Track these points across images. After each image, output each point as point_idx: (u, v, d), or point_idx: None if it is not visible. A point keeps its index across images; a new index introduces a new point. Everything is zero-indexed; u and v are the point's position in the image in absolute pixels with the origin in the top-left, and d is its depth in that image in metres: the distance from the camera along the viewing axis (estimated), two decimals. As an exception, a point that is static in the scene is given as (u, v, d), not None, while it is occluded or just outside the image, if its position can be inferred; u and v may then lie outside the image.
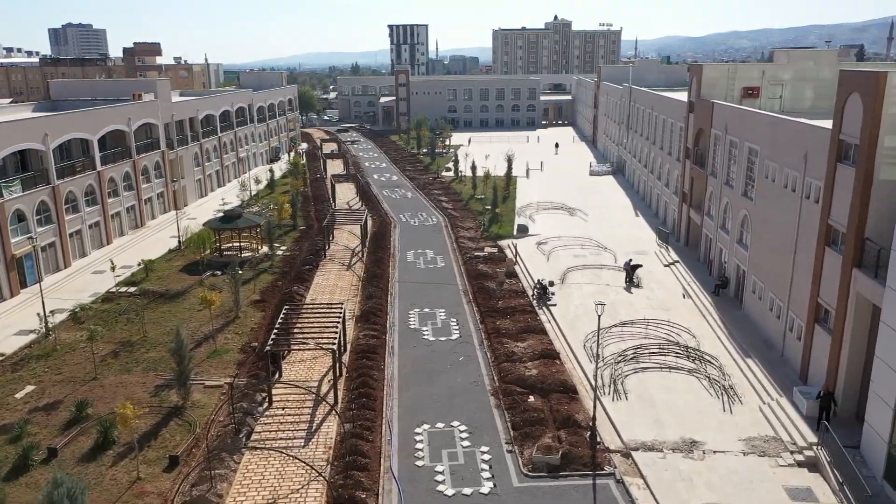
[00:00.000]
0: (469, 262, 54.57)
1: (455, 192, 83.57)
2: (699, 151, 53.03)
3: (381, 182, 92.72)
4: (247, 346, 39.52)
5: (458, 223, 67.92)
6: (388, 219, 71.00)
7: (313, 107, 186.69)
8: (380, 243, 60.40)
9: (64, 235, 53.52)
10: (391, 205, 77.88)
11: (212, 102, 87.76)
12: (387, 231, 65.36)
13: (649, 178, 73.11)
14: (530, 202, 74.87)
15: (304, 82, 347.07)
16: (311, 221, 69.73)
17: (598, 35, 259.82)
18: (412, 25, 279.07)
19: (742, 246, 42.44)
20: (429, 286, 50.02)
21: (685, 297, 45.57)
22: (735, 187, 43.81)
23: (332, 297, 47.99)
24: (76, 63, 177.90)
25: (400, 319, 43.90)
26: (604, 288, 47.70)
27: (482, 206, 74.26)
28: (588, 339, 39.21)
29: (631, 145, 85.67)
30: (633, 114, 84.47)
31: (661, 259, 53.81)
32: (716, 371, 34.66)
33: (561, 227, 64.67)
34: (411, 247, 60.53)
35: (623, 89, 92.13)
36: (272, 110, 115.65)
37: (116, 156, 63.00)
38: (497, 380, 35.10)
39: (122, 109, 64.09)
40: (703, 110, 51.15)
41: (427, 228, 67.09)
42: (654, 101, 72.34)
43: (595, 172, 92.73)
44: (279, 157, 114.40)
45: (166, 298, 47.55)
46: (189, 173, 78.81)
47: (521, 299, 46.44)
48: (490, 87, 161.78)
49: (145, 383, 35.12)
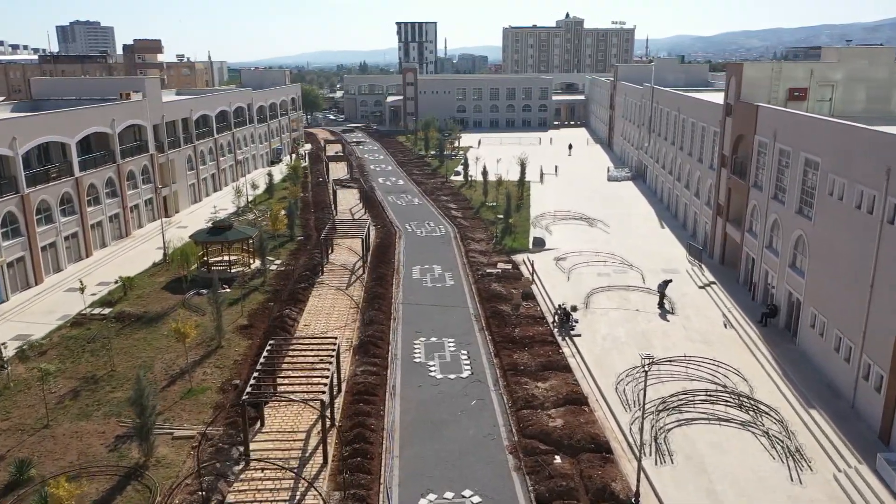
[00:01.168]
0: (481, 281, 49.39)
1: (465, 198, 78.35)
2: (738, 160, 47.61)
3: (386, 187, 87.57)
4: (227, 385, 34.41)
5: (469, 234, 62.69)
6: (392, 228, 65.84)
7: (318, 106, 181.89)
8: (383, 257, 55.25)
9: (35, 249, 48.60)
10: (397, 212, 72.72)
11: (207, 102, 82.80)
12: (391, 243, 60.21)
13: (675, 186, 67.64)
14: (546, 211, 69.53)
15: (311, 81, 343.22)
16: (309, 231, 64.64)
17: (610, 33, 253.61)
18: (421, 23, 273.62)
19: (796, 271, 36.99)
20: (436, 309, 44.82)
21: (727, 326, 40.19)
22: (787, 203, 38.37)
23: (328, 322, 42.87)
24: (76, 60, 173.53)
25: (403, 351, 38.71)
26: (633, 315, 42.36)
27: (494, 214, 68.99)
28: (620, 379, 33.92)
29: (653, 150, 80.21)
30: (655, 116, 79.00)
31: (695, 279, 48.41)
32: (776, 425, 29.30)
33: (581, 240, 59.31)
34: (417, 261, 55.36)
35: (644, 89, 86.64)
36: (273, 110, 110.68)
37: (99, 160, 58.06)
38: (516, 432, 29.89)
39: (105, 110, 59.14)
40: (745, 114, 45.73)
41: (435, 240, 61.88)
42: (681, 103, 66.86)
43: (613, 178, 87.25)
44: (281, 159, 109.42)
45: (143, 322, 42.53)
46: (181, 178, 73.87)
47: (541, 327, 41.20)
48: (500, 86, 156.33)
49: (105, 433, 30.06)
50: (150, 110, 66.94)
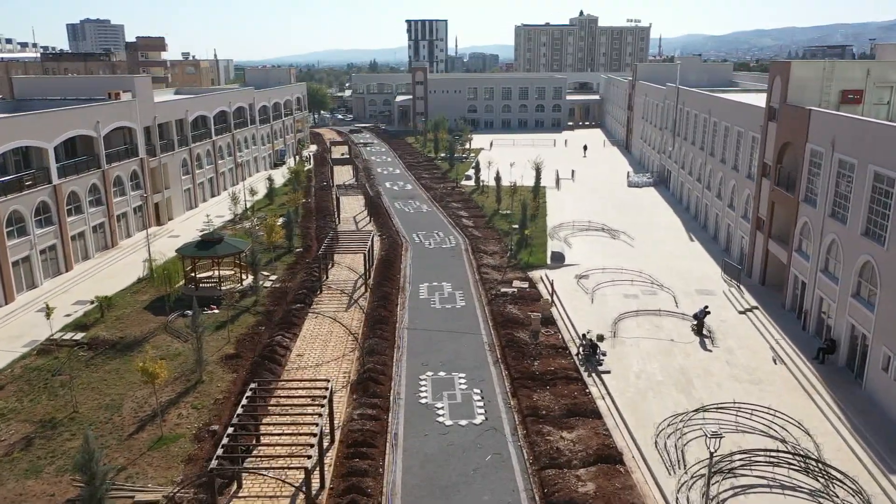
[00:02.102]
0: (495, 302, 44.69)
1: (476, 205, 73.59)
2: (784, 170, 42.61)
3: (393, 192, 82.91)
4: (204, 432, 29.86)
5: (481, 246, 57.93)
6: (399, 239, 61.18)
7: (326, 105, 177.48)
8: (388, 272, 50.61)
9: (5, 264, 44.28)
10: (403, 220, 68.05)
11: (205, 102, 78.38)
12: (397, 255, 55.57)
13: (704, 194, 62.58)
14: (564, 221, 64.63)
15: (321, 79, 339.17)
16: (309, 241, 60.09)
17: (625, 32, 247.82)
18: (431, 21, 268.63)
19: (863, 302, 32.01)
20: (446, 336, 40.11)
21: (777, 362, 35.26)
22: (849, 223, 33.40)
23: (324, 352, 38.24)
24: (78, 58, 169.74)
25: (408, 388, 34.03)
26: (668, 346, 37.48)
27: (508, 224, 64.17)
28: (660, 430, 29.09)
29: (678, 154, 75.15)
30: (681, 118, 73.93)
31: (734, 302, 43.46)
32: (854, 498, 24.40)
33: (603, 254, 54.43)
34: (425, 277, 50.66)
35: (667, 90, 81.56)
36: (277, 110, 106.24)
37: (81, 166, 53.73)
38: (539, 500, 25.15)
39: (88, 111, 54.77)
40: (794, 119, 40.72)
41: (444, 253, 57.15)
42: (712, 105, 61.78)
43: (634, 184, 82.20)
44: (284, 161, 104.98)
45: (119, 350, 38.08)
46: (175, 182, 69.47)
47: (563, 359, 36.44)
48: (513, 85, 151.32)
49: (54, 496, 25.55)
50: (141, 111, 62.55)
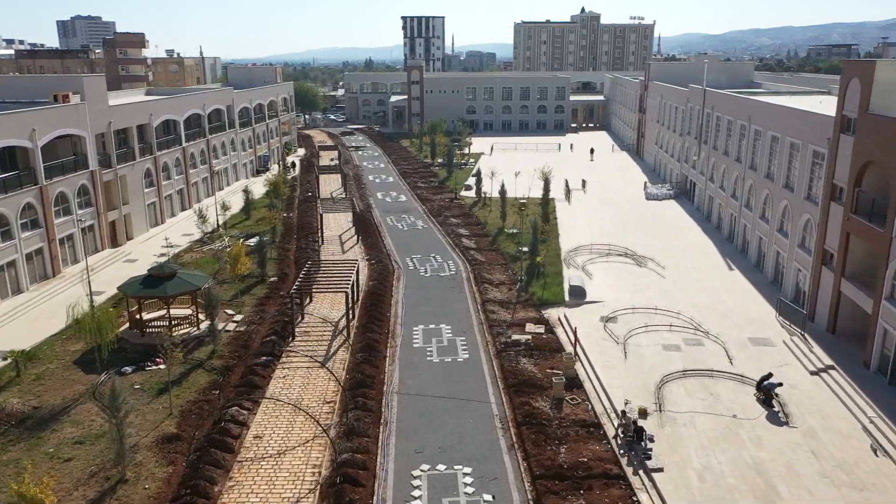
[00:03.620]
0: (505, 353, 36.53)
1: (478, 221, 65.34)
2: (866, 195, 34.46)
3: (385, 204, 74.64)
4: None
5: (486, 274, 49.74)
6: (390, 264, 52.93)
7: (317, 105, 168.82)
8: (376, 310, 42.37)
9: None
10: (396, 240, 59.80)
11: (173, 104, 69.88)
12: (387, 287, 47.35)
13: (742, 213, 54.42)
14: (580, 243, 56.33)
15: (315, 78, 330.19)
16: (287, 267, 51.77)
17: (628, 29, 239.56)
18: (428, 17, 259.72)
19: None
20: (445, 405, 31.85)
21: (879, 453, 27.09)
22: (982, 275, 25.26)
23: (290, 431, 29.93)
24: (55, 55, 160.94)
25: (396, 491, 25.77)
26: (731, 426, 29.29)
27: (515, 246, 55.96)
28: (746, 576, 20.90)
29: (704, 164, 67.00)
30: (709, 124, 65.79)
31: (802, 359, 35.26)
32: None
33: (630, 286, 46.26)
34: (420, 317, 42.43)
35: (690, 92, 73.41)
36: (260, 112, 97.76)
37: (11, 183, 45.30)
38: None
39: (21, 118, 46.31)
40: (880, 133, 32.58)
41: (443, 283, 48.91)
42: (754, 111, 53.55)
43: (653, 196, 73.99)
44: (268, 168, 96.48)
45: (29, 426, 29.80)
46: (136, 197, 60.97)
47: (597, 444, 28.29)
48: (514, 85, 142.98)
49: None
50: (92, 116, 54.07)
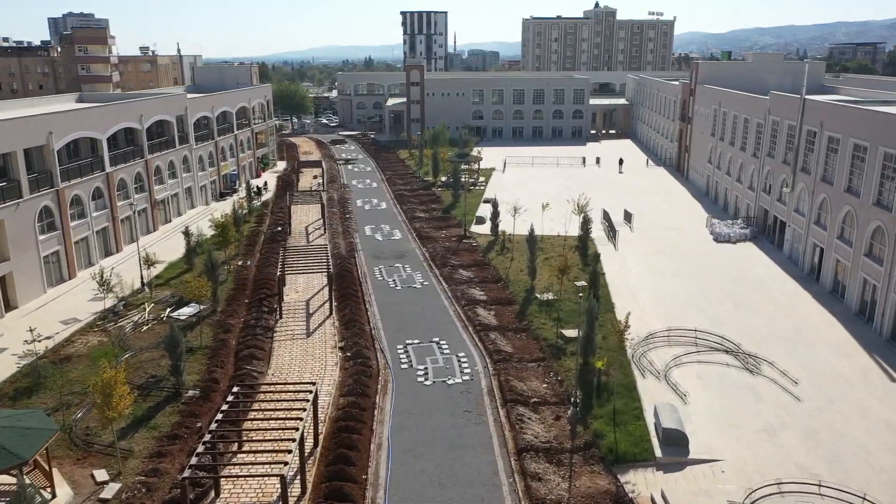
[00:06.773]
0: None
1: (497, 276, 48.30)
2: None
3: (374, 245, 57.67)
4: None
5: (516, 383, 32.77)
6: (374, 359, 35.91)
7: (306, 109, 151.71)
8: (344, 466, 25.41)
9: None
10: (386, 310, 42.80)
11: (90, 118, 52.67)
12: (367, 408, 30.39)
13: (882, 279, 37.32)
14: (647, 323, 39.13)
15: (312, 77, 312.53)
16: (219, 366, 34.79)
17: (646, 25, 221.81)
18: (429, 12, 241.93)
19: None
20: None
21: None
22: None
23: None
24: (12, 53, 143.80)
25: None
26: None
27: (553, 324, 39.00)
28: None
29: (804, 200, 49.98)
30: (813, 147, 48.76)
31: None
32: None
33: (744, 414, 29.22)
34: (417, 482, 25.41)
35: (773, 101, 56.28)
36: (227, 121, 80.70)
37: None
38: None
39: None
40: None
41: (453, 402, 31.77)
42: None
43: (724, 237, 56.66)
44: (236, 189, 79.52)
45: None
46: (25, 248, 43.99)
47: None
48: (526, 87, 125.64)
49: None
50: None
